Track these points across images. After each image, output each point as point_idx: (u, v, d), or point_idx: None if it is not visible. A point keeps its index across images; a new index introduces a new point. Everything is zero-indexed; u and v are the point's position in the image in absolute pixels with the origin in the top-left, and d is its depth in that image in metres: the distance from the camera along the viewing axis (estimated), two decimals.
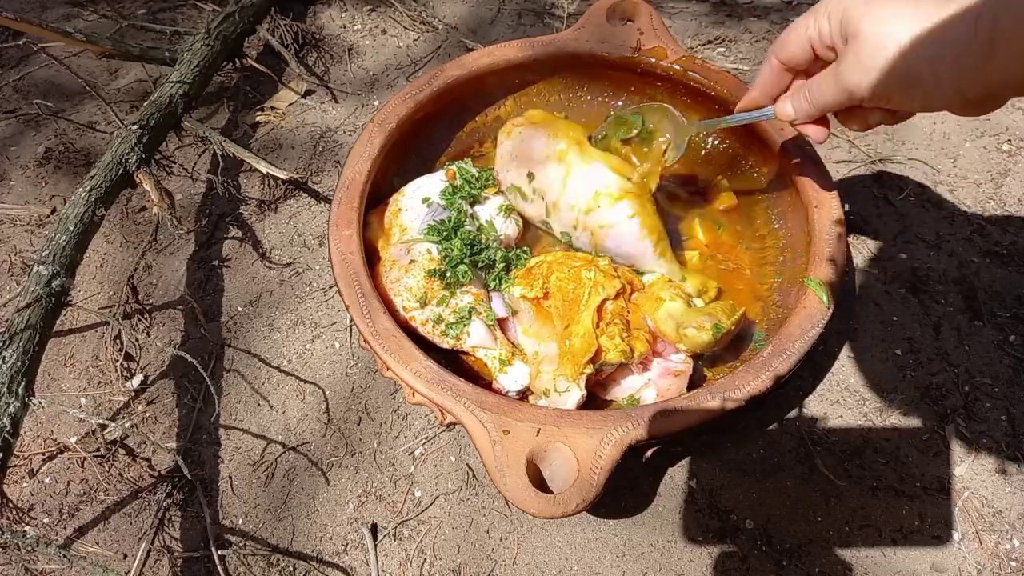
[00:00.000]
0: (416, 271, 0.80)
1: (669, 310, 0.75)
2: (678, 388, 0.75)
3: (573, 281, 0.77)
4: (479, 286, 0.83)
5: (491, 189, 0.89)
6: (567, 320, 0.76)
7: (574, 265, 0.79)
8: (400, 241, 0.83)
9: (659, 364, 0.77)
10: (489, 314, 0.80)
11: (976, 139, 1.11)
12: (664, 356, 0.77)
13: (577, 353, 0.72)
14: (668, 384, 0.75)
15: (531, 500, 0.60)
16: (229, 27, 1.20)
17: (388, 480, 0.84)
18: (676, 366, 0.76)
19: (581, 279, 0.77)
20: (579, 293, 0.76)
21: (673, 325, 0.74)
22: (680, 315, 0.74)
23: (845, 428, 0.84)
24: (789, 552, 0.76)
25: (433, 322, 0.79)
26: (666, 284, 0.79)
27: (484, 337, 0.78)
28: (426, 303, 0.79)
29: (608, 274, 0.78)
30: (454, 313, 0.79)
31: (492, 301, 0.83)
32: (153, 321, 1.00)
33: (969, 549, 0.76)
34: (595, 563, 0.77)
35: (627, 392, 0.77)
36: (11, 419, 0.72)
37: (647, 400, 0.75)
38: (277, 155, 1.18)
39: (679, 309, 0.75)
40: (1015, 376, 0.86)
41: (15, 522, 0.79)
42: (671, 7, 1.40)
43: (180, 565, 0.80)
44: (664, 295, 0.77)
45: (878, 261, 0.97)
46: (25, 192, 1.15)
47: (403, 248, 0.83)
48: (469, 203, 0.87)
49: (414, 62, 1.32)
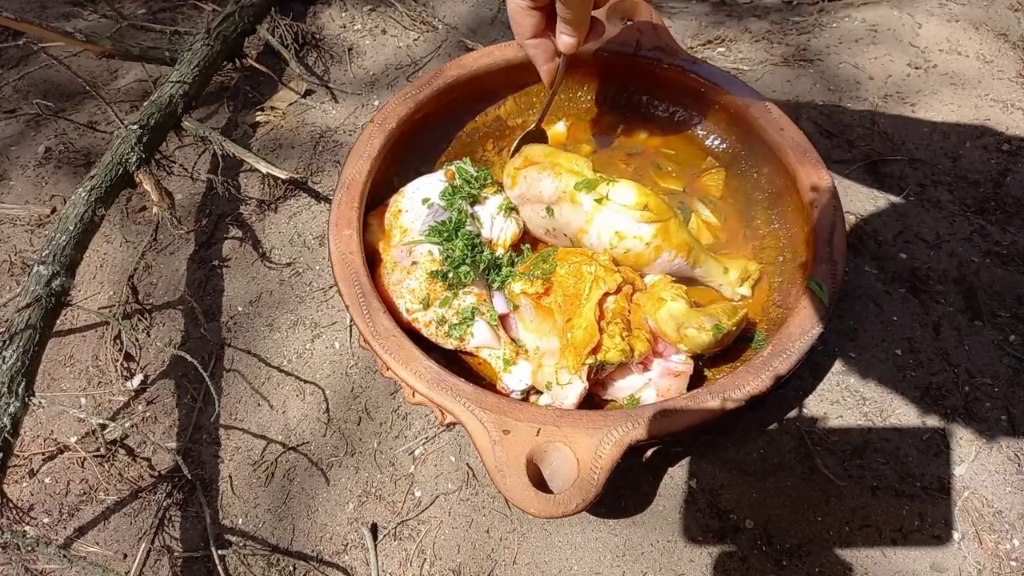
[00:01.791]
0: (418, 273, 0.80)
1: (671, 310, 0.75)
2: (678, 388, 0.75)
3: (574, 276, 0.77)
4: (482, 286, 0.83)
5: (490, 188, 0.89)
6: (568, 314, 0.76)
7: (574, 260, 0.79)
8: (401, 243, 0.83)
9: (660, 364, 0.77)
10: (492, 314, 0.80)
11: (976, 139, 1.11)
12: (665, 356, 0.77)
13: (579, 344, 0.72)
14: (668, 384, 0.75)
15: (531, 500, 0.60)
16: (229, 27, 1.20)
17: (388, 480, 0.84)
18: (677, 366, 0.76)
19: (582, 274, 0.77)
20: (580, 288, 0.76)
21: (674, 325, 0.74)
22: (681, 315, 0.74)
23: (845, 428, 0.84)
24: (789, 552, 0.76)
25: (436, 323, 0.79)
26: (668, 284, 0.79)
27: (488, 337, 0.79)
28: (429, 305, 0.79)
29: (608, 268, 0.78)
30: (457, 314, 0.79)
31: (494, 300, 0.83)
32: (153, 321, 1.00)
33: (969, 549, 0.76)
34: (595, 563, 0.77)
35: (627, 392, 0.77)
36: (11, 419, 0.72)
37: (647, 400, 0.75)
38: (277, 155, 1.18)
39: (681, 309, 0.75)
40: (1015, 376, 0.86)
41: (15, 522, 0.79)
42: (671, 7, 1.40)
43: (180, 565, 0.80)
44: (666, 295, 0.77)
45: (878, 261, 0.98)
46: (25, 192, 1.15)
47: (405, 250, 0.83)
48: (469, 203, 0.87)
49: (414, 62, 1.32)
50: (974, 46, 1.25)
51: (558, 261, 0.80)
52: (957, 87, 1.18)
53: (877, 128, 1.13)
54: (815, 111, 1.17)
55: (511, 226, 0.88)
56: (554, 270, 0.79)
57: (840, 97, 1.18)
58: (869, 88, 1.19)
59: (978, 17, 1.30)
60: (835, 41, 1.28)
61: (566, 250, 0.82)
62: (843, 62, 1.24)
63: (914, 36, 1.27)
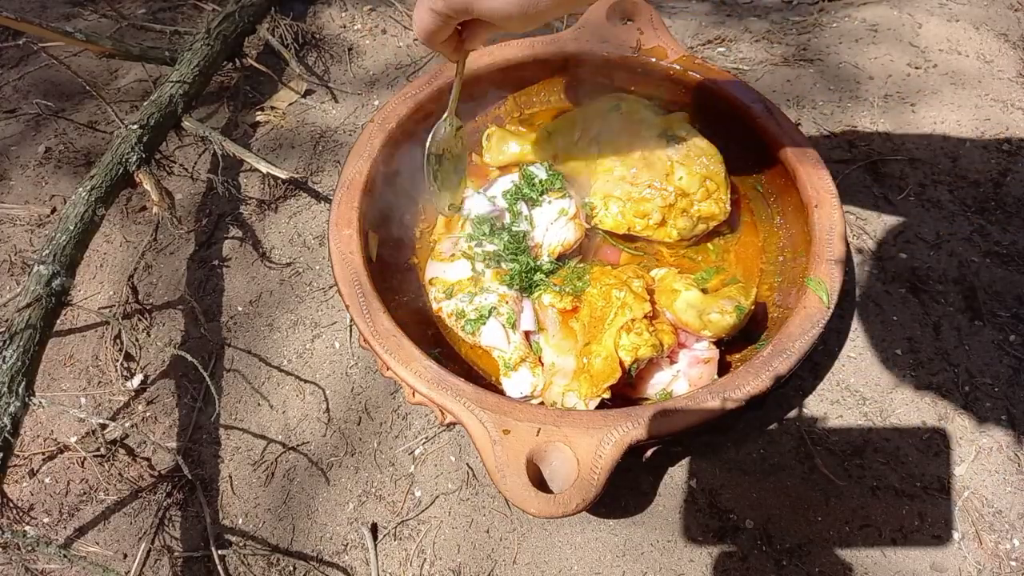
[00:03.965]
0: (454, 264, 0.82)
1: (688, 300, 0.75)
2: (709, 375, 0.74)
3: (603, 298, 0.77)
4: (512, 288, 0.82)
5: (556, 193, 0.87)
6: (589, 337, 0.75)
7: (607, 283, 0.78)
8: (454, 233, 0.86)
9: (686, 354, 0.76)
10: (509, 316, 0.80)
11: (976, 139, 1.11)
12: (688, 346, 0.77)
13: (597, 375, 0.71)
14: (699, 372, 0.75)
15: (531, 500, 0.60)
16: (229, 27, 1.20)
17: (388, 480, 0.84)
18: (703, 353, 0.75)
19: (610, 298, 0.76)
20: (606, 312, 0.75)
21: (695, 313, 0.74)
22: (700, 303, 0.74)
23: (845, 428, 0.84)
24: (789, 552, 0.76)
25: (456, 316, 0.80)
26: (676, 276, 0.79)
27: (497, 338, 0.79)
28: (452, 295, 0.81)
29: (639, 297, 0.76)
30: (476, 310, 0.79)
31: (523, 307, 0.82)
32: (153, 321, 1.00)
33: (969, 549, 0.76)
34: (595, 563, 0.77)
35: (659, 387, 0.76)
36: (11, 419, 0.72)
37: (680, 392, 0.75)
38: (277, 155, 1.18)
39: (697, 297, 0.75)
40: (1015, 376, 0.86)
41: (15, 522, 0.80)
42: (671, 7, 1.40)
43: (180, 565, 0.80)
44: (678, 286, 0.76)
45: (878, 261, 0.97)
46: (25, 192, 1.15)
47: (453, 240, 0.84)
48: (529, 205, 0.86)
49: (414, 62, 1.32)
50: (974, 46, 1.25)
51: (591, 281, 0.80)
52: (957, 87, 1.18)
53: (877, 128, 1.13)
54: (815, 111, 1.17)
55: (565, 233, 0.85)
56: (585, 289, 0.79)
57: (840, 97, 1.18)
58: (869, 88, 1.19)
59: (978, 17, 1.30)
60: (835, 41, 1.28)
61: (601, 270, 0.82)
62: (843, 62, 1.24)
63: (914, 36, 1.27)
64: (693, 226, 0.87)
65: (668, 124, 0.88)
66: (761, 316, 0.82)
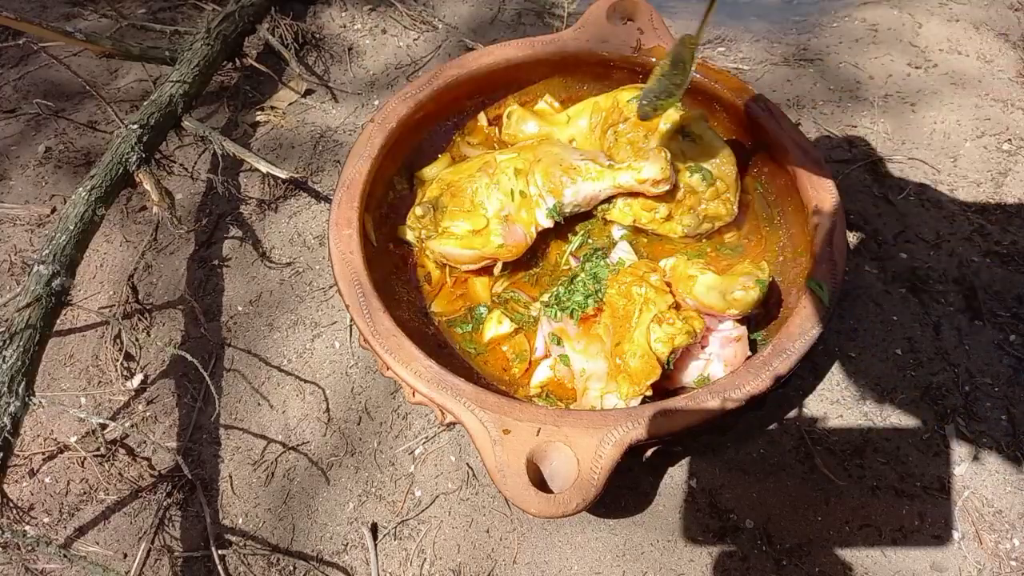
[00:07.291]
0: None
1: (707, 283, 0.75)
2: (743, 353, 0.75)
3: (624, 297, 0.76)
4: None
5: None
6: (618, 337, 0.75)
7: (625, 280, 0.78)
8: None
9: (716, 337, 0.76)
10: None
11: (976, 139, 1.11)
12: (714, 329, 0.77)
13: (636, 375, 0.71)
14: (733, 351, 0.75)
15: (531, 500, 0.60)
16: (229, 27, 1.20)
17: (388, 480, 0.84)
18: (732, 332, 0.76)
19: (632, 295, 0.76)
20: (630, 310, 0.75)
21: (717, 295, 0.74)
22: (720, 284, 0.74)
23: (845, 428, 0.84)
24: (789, 552, 0.76)
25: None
26: (687, 262, 0.79)
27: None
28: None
29: (660, 290, 0.76)
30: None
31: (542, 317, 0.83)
32: (153, 321, 1.00)
33: (969, 548, 0.76)
34: (595, 563, 0.77)
35: (695, 375, 0.76)
36: (11, 419, 0.72)
37: (716, 375, 0.75)
38: (277, 155, 1.18)
39: (715, 279, 0.75)
40: (1015, 376, 0.86)
41: (15, 522, 0.79)
42: (671, 7, 1.40)
43: (180, 565, 0.80)
44: (693, 271, 0.76)
45: (878, 261, 0.97)
46: (25, 192, 1.15)
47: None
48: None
49: (414, 62, 1.32)
50: (974, 46, 1.25)
51: (609, 282, 0.79)
52: (957, 87, 1.18)
53: (877, 128, 1.13)
54: (815, 111, 1.17)
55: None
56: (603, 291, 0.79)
57: (840, 97, 1.18)
58: (869, 88, 1.19)
59: (978, 17, 1.30)
60: (835, 41, 1.28)
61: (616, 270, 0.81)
62: (843, 62, 1.24)
63: (914, 36, 1.27)
64: (699, 224, 0.88)
65: (686, 121, 0.88)
66: (775, 290, 0.82)
